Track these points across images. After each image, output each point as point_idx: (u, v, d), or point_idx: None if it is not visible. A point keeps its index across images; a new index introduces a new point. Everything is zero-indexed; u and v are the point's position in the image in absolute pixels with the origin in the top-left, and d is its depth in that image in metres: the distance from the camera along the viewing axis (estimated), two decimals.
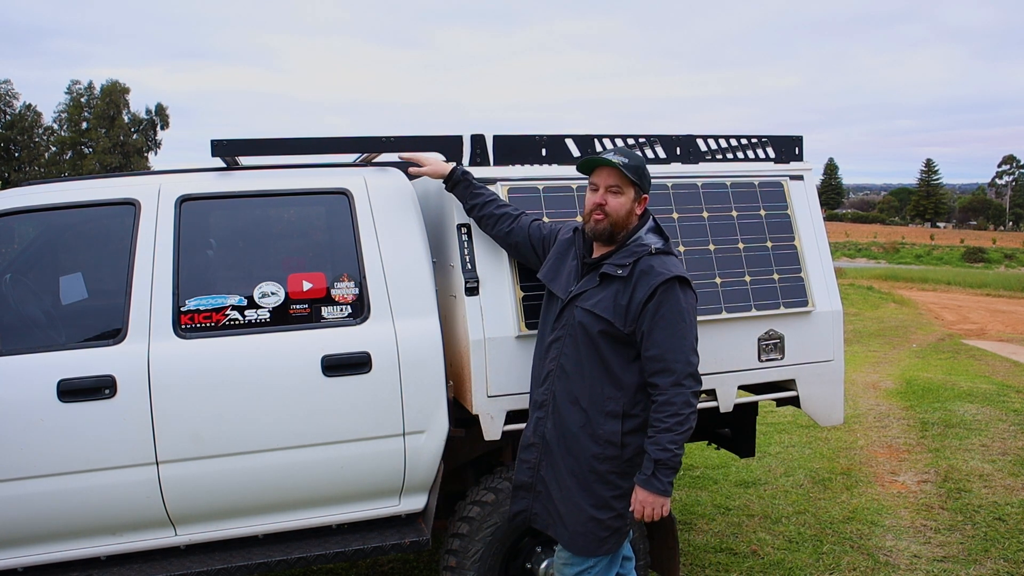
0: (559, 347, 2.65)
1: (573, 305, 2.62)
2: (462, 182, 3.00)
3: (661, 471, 2.45)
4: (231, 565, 2.79)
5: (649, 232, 2.65)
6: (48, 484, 2.67)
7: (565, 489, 2.62)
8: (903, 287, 27.44)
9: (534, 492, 2.70)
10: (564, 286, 2.69)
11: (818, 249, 3.43)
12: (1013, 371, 9.57)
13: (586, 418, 2.58)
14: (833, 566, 4.05)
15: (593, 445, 2.57)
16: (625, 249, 2.60)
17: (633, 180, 2.58)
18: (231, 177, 3.05)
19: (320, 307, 2.94)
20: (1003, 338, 13.39)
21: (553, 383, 2.66)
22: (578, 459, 2.60)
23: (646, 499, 2.49)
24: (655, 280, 2.49)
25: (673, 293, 2.50)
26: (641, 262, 2.54)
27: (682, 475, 5.44)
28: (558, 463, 2.63)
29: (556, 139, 3.26)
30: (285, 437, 2.83)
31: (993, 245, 60.27)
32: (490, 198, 2.96)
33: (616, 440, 2.56)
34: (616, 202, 2.59)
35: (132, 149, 55.44)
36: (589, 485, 2.58)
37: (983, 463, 5.60)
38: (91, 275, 2.99)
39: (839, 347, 3.42)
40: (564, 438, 2.62)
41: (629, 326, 2.52)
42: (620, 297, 2.53)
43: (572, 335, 2.61)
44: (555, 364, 2.66)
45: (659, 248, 2.59)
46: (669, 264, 2.55)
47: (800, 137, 3.57)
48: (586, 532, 2.58)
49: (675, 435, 2.44)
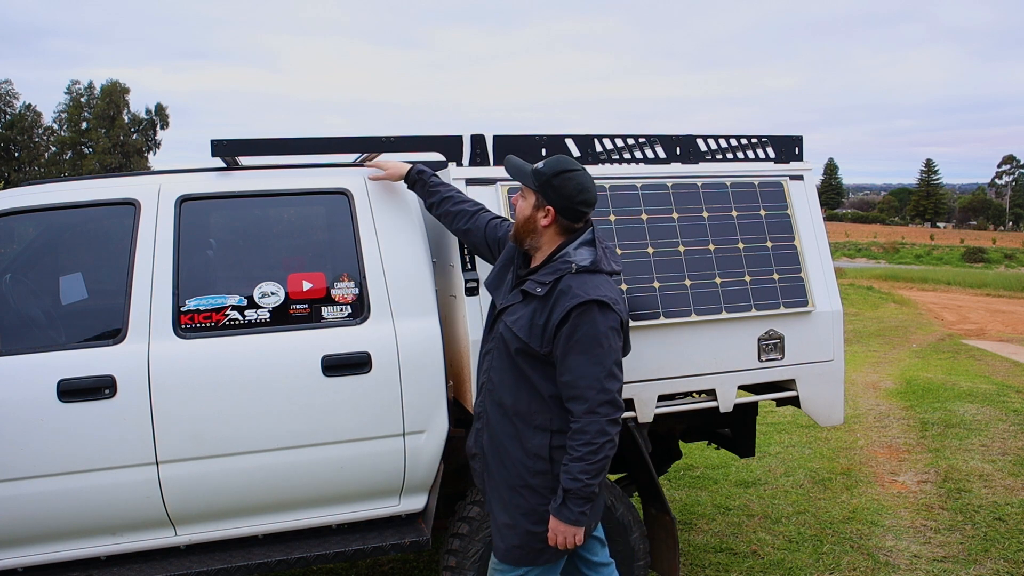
0: (490, 359, 2.58)
1: (501, 318, 2.55)
2: (419, 181, 2.99)
3: (572, 501, 2.36)
4: (231, 565, 2.79)
5: (581, 247, 2.49)
6: (48, 484, 2.67)
7: (502, 501, 2.55)
8: (903, 287, 27.44)
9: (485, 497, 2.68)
10: (501, 297, 2.60)
11: (818, 249, 3.43)
12: (1013, 371, 9.57)
13: (516, 431, 2.49)
14: (833, 566, 4.05)
15: (525, 458, 2.48)
16: (550, 265, 2.47)
17: (531, 187, 2.48)
18: (231, 177, 3.05)
19: (320, 307, 2.94)
20: (1003, 338, 13.39)
21: (486, 395, 2.59)
22: (511, 472, 2.51)
23: (557, 528, 2.40)
24: (570, 303, 2.35)
25: (589, 316, 2.35)
26: (562, 281, 2.41)
27: (682, 475, 5.44)
28: (495, 475, 2.57)
29: (556, 139, 3.26)
30: (285, 437, 2.83)
31: (993, 245, 60.27)
32: (447, 194, 2.93)
33: (544, 454, 2.45)
34: (519, 206, 2.52)
35: (132, 149, 55.45)
36: (522, 498, 2.49)
37: (983, 463, 5.60)
38: (91, 275, 2.99)
39: (839, 347, 3.43)
40: (497, 450, 2.55)
41: (545, 347, 2.41)
42: (537, 316, 2.42)
43: (499, 348, 2.54)
44: (486, 376, 2.59)
45: (584, 267, 2.43)
46: (589, 285, 2.39)
47: (800, 137, 3.57)
48: (523, 545, 2.50)
49: (587, 465, 2.33)
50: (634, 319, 3.07)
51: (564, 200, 2.44)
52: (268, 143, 3.05)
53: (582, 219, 2.51)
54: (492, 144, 3.18)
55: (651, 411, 3.17)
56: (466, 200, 2.93)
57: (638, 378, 3.12)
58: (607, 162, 3.41)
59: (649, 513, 3.36)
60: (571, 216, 2.47)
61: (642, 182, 3.25)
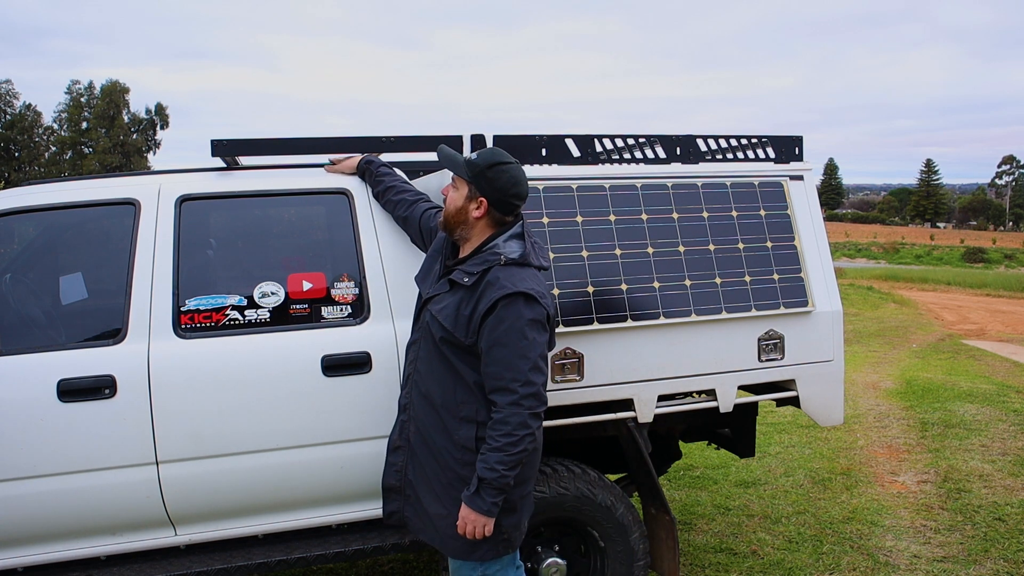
0: (415, 350, 2.58)
1: (427, 308, 2.54)
2: (367, 170, 3.03)
3: (485, 490, 2.33)
4: (231, 565, 2.79)
5: (511, 240, 2.49)
6: (48, 484, 2.67)
7: (433, 492, 2.53)
8: (903, 287, 27.45)
9: (403, 495, 2.62)
10: (427, 287, 2.60)
11: (818, 249, 3.43)
12: (1013, 371, 9.57)
13: (442, 423, 2.48)
14: (833, 566, 4.05)
15: (453, 449, 2.46)
16: (479, 256, 2.46)
17: (464, 177, 2.46)
18: (231, 177, 3.05)
19: (320, 307, 2.94)
20: (1003, 338, 13.39)
21: (412, 387, 2.57)
22: (441, 464, 2.50)
23: (467, 516, 2.37)
24: (496, 294, 2.34)
25: (514, 309, 2.33)
26: (490, 272, 2.40)
27: (682, 475, 5.44)
28: (424, 468, 2.54)
29: (556, 139, 3.25)
30: (285, 437, 2.83)
31: (993, 245, 60.29)
32: (390, 184, 2.96)
33: (471, 445, 2.44)
34: (450, 196, 2.51)
35: (132, 149, 55.44)
36: (454, 490, 2.46)
37: (983, 463, 5.60)
38: (91, 275, 2.99)
39: (839, 347, 3.42)
40: (425, 442, 2.53)
41: (470, 337, 2.39)
42: (464, 307, 2.41)
43: (425, 338, 2.53)
44: (412, 367, 2.58)
45: (512, 259, 2.42)
46: (516, 278, 2.38)
47: (800, 137, 3.57)
48: (456, 536, 2.46)
49: (505, 456, 2.31)
50: (634, 319, 3.08)
51: (497, 193, 2.44)
52: (268, 143, 3.05)
53: (513, 212, 2.50)
54: (492, 144, 3.18)
55: (651, 411, 3.17)
56: (407, 190, 2.96)
57: (638, 378, 3.12)
58: (607, 162, 3.41)
59: (649, 513, 3.36)
60: (503, 209, 2.47)
61: (642, 182, 3.25)
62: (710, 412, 3.33)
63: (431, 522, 2.55)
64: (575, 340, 3.03)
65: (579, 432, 3.19)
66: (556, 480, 3.07)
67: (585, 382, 3.06)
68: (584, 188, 3.17)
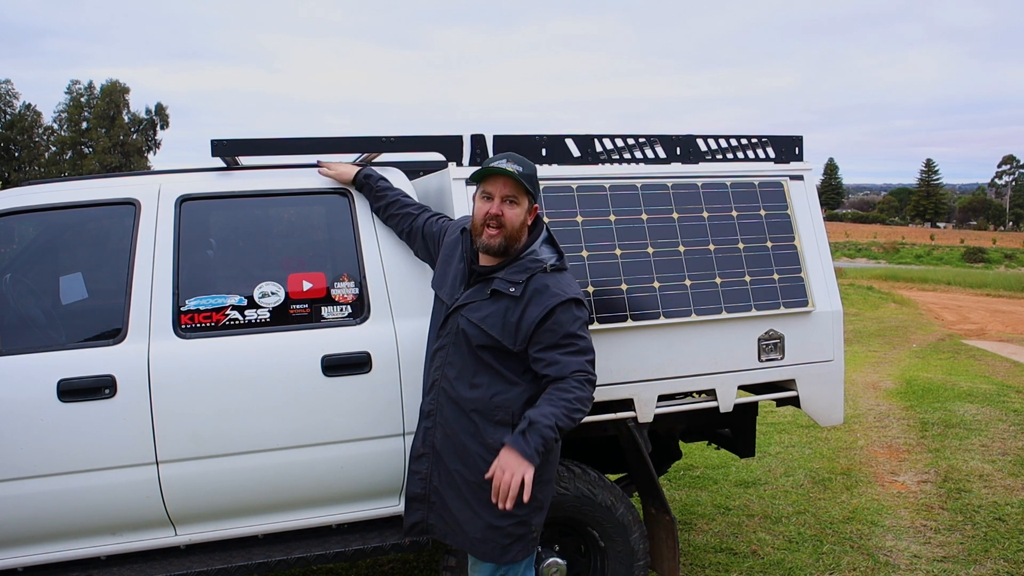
0: (444, 356, 2.56)
1: (458, 314, 2.51)
2: (365, 185, 2.99)
3: (532, 434, 2.29)
4: (231, 565, 2.79)
5: (543, 245, 2.54)
6: (48, 484, 2.67)
7: (462, 498, 2.52)
8: (903, 287, 27.43)
9: (428, 503, 2.60)
10: (450, 292, 2.58)
11: (818, 249, 3.43)
12: (1013, 371, 9.57)
13: (475, 427, 2.48)
14: (833, 566, 4.05)
15: (485, 453, 2.45)
16: (518, 264, 2.47)
17: (528, 189, 2.46)
18: (231, 177, 3.05)
19: (320, 307, 2.94)
20: (1003, 338, 13.39)
21: (439, 393, 2.56)
22: (471, 468, 2.49)
23: (508, 460, 2.29)
24: (551, 301, 2.39)
25: (570, 313, 2.41)
26: (535, 279, 2.43)
27: (682, 475, 5.44)
28: (451, 472, 2.53)
29: (556, 139, 3.25)
30: (285, 437, 2.83)
31: (993, 245, 60.27)
32: (392, 199, 2.94)
33: None
34: (512, 213, 2.45)
35: (132, 149, 55.44)
36: (486, 494, 2.43)
37: (983, 463, 5.60)
38: (91, 275, 2.99)
39: (839, 347, 3.43)
40: (454, 447, 2.52)
41: (519, 344, 2.42)
42: (510, 314, 2.42)
43: (457, 344, 2.52)
44: (440, 373, 2.56)
45: (554, 265, 2.49)
46: (564, 284, 2.46)
47: (800, 137, 3.57)
48: (486, 539, 2.48)
49: (562, 414, 2.32)
50: (634, 319, 3.08)
51: (539, 197, 2.60)
52: (268, 143, 3.05)
53: None
54: (492, 144, 3.18)
55: (651, 411, 3.17)
56: (409, 203, 2.94)
57: (638, 378, 3.12)
58: (607, 162, 3.41)
59: (649, 513, 3.36)
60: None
61: (642, 182, 3.25)
62: (710, 412, 3.33)
63: (459, 527, 2.54)
64: None
65: (579, 432, 3.19)
66: (556, 480, 3.06)
67: None
68: (584, 188, 3.17)
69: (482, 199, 2.49)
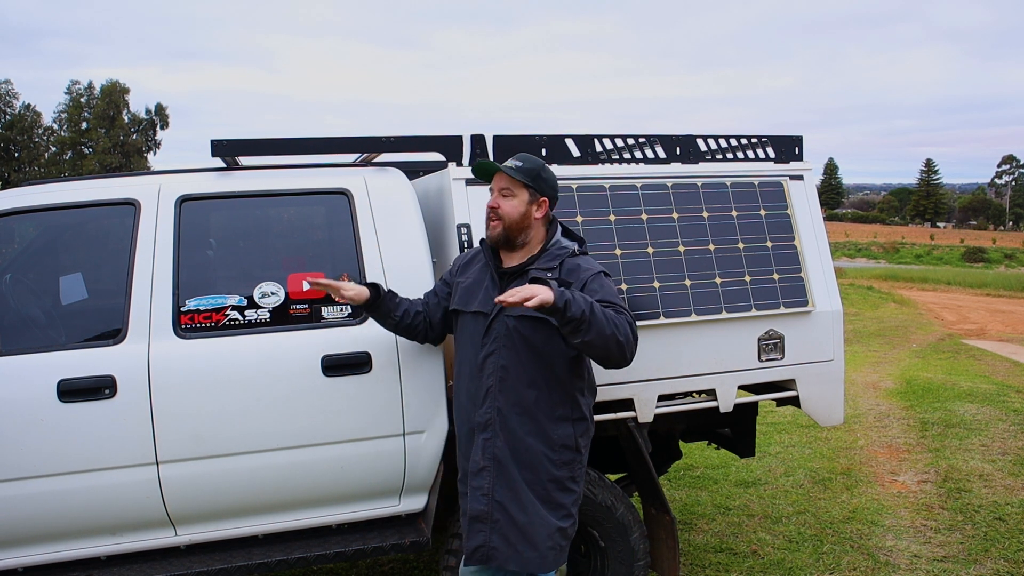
0: (495, 361, 2.54)
1: (503, 316, 2.53)
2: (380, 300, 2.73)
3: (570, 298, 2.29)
4: (231, 565, 2.79)
5: (563, 236, 2.69)
6: (48, 484, 2.67)
7: (528, 505, 2.51)
8: (903, 287, 27.43)
9: (491, 522, 2.53)
10: (484, 301, 2.59)
11: (818, 249, 3.43)
12: (1013, 371, 9.57)
13: (538, 426, 2.52)
14: (833, 566, 4.05)
15: (550, 451, 2.53)
16: (547, 254, 2.61)
17: (524, 182, 2.57)
18: (231, 177, 3.05)
19: (320, 307, 2.94)
20: (1003, 338, 13.39)
21: (495, 398, 2.53)
22: (536, 471, 2.52)
23: (535, 288, 2.27)
24: (585, 275, 2.53)
25: (603, 280, 2.55)
26: (566, 263, 2.58)
27: (682, 475, 5.44)
28: (516, 481, 2.52)
29: (556, 139, 3.26)
30: (285, 437, 2.83)
31: (993, 245, 60.28)
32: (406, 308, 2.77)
33: (571, 443, 2.56)
34: (508, 205, 2.58)
35: (132, 149, 55.43)
36: (550, 495, 2.53)
37: (983, 463, 5.60)
38: (91, 275, 2.99)
39: (839, 347, 3.43)
40: (518, 452, 2.52)
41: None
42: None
43: (508, 345, 2.53)
44: (495, 379, 2.53)
45: (580, 250, 2.67)
46: (590, 262, 2.62)
47: (800, 137, 3.57)
48: (554, 545, 2.53)
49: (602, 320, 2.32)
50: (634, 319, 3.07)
51: (551, 190, 2.66)
52: (268, 143, 3.05)
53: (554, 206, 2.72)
54: (492, 144, 3.18)
55: (651, 411, 3.17)
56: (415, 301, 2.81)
57: (638, 378, 3.12)
58: (607, 162, 3.42)
59: (649, 513, 3.36)
60: (554, 205, 2.70)
61: (642, 182, 3.25)
62: (710, 412, 3.34)
63: (526, 541, 2.50)
64: None
65: None
66: None
67: None
68: (584, 188, 3.17)
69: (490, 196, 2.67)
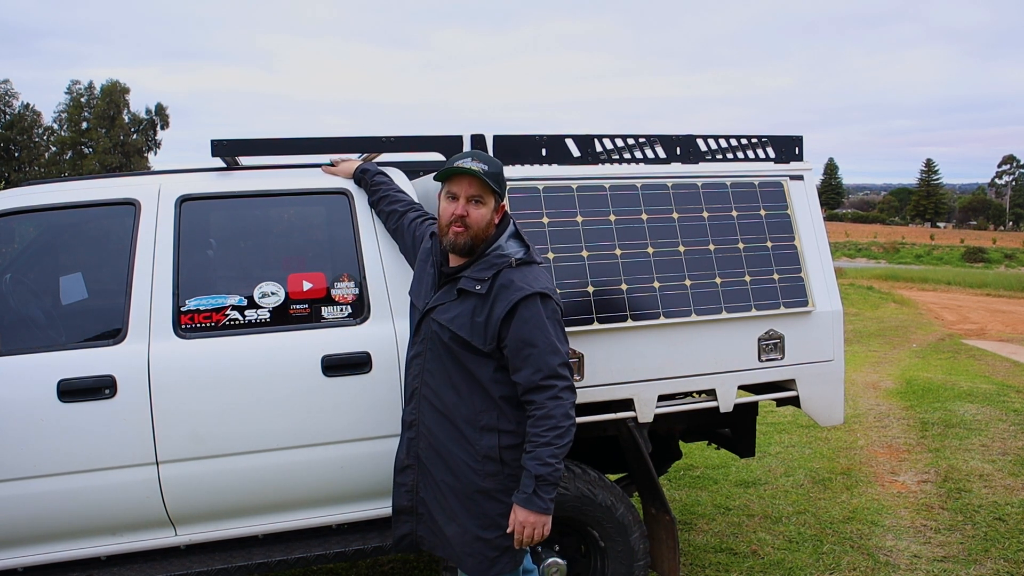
0: (421, 362, 2.50)
1: (430, 317, 2.47)
2: (362, 180, 3.01)
3: (542, 487, 2.29)
4: (231, 565, 2.79)
5: (510, 239, 2.46)
6: (48, 484, 2.67)
7: (448, 509, 2.47)
8: (903, 287, 27.43)
9: (416, 515, 2.55)
10: (423, 297, 2.53)
11: (818, 249, 3.43)
12: (1013, 371, 9.57)
13: (460, 434, 2.42)
14: (833, 566, 4.05)
15: (472, 461, 2.41)
16: (484, 260, 2.40)
17: (494, 189, 2.38)
18: (231, 177, 3.05)
19: (320, 307, 2.94)
20: (1003, 338, 13.39)
21: (420, 401, 2.50)
22: (458, 477, 2.43)
23: (527, 519, 2.31)
24: (515, 296, 2.31)
25: (535, 307, 2.32)
26: (501, 275, 2.36)
27: (682, 475, 5.44)
28: (439, 483, 2.47)
29: (556, 139, 3.26)
30: (285, 437, 2.83)
31: (993, 245, 60.28)
32: (384, 194, 2.93)
33: (495, 455, 2.40)
34: (477, 213, 2.38)
35: (132, 149, 55.43)
36: (474, 504, 2.42)
37: (983, 463, 5.60)
38: (91, 275, 2.99)
39: (839, 347, 3.43)
40: (440, 456, 2.46)
41: (489, 344, 2.35)
42: (478, 314, 2.36)
43: (433, 349, 2.46)
44: (419, 381, 2.50)
45: (520, 259, 2.40)
46: (530, 277, 2.37)
47: (800, 137, 3.57)
48: (474, 553, 2.43)
49: (555, 449, 2.28)
50: (634, 319, 3.08)
51: (505, 194, 2.51)
52: (268, 143, 3.05)
53: None
54: (492, 144, 3.18)
55: (651, 411, 3.17)
56: (399, 200, 2.93)
57: (638, 378, 3.12)
58: (607, 162, 3.41)
59: (649, 513, 3.36)
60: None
61: (642, 182, 3.25)
62: (710, 412, 3.33)
63: (447, 540, 2.50)
64: (575, 340, 3.02)
65: (579, 432, 3.19)
66: None
67: (585, 382, 3.06)
68: (584, 188, 3.17)
69: (447, 199, 2.41)
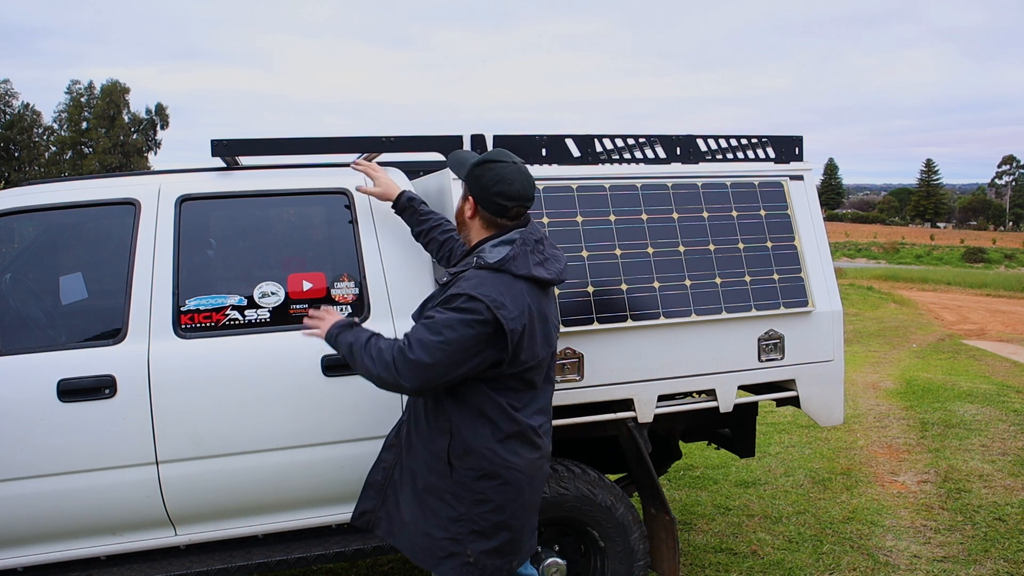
0: None
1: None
2: (408, 208, 2.91)
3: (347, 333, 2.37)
4: (231, 565, 2.79)
5: (499, 245, 2.35)
6: (48, 484, 2.67)
7: (408, 498, 2.49)
8: (903, 287, 27.45)
9: (382, 495, 2.56)
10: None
11: (818, 249, 3.43)
12: (1013, 371, 9.57)
13: (427, 430, 2.44)
14: (833, 566, 4.05)
15: (428, 457, 2.42)
16: (466, 260, 2.43)
17: (461, 178, 2.43)
18: (231, 177, 3.05)
19: (320, 307, 2.93)
20: (1003, 338, 13.39)
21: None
22: (419, 467, 2.46)
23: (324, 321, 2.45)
24: (451, 290, 2.28)
25: (454, 304, 2.23)
26: (464, 275, 2.32)
27: (682, 475, 5.44)
28: (410, 469, 2.50)
29: (556, 139, 3.26)
30: (285, 437, 2.83)
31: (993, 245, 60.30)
32: (437, 222, 2.87)
33: (443, 456, 2.36)
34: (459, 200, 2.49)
35: (132, 149, 55.44)
36: (428, 496, 2.42)
37: (983, 463, 5.60)
38: (91, 275, 2.99)
39: (839, 347, 3.42)
40: (412, 444, 2.50)
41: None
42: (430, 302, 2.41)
43: None
44: None
45: (487, 263, 2.29)
46: (476, 281, 2.25)
47: (800, 137, 3.57)
48: (422, 546, 2.43)
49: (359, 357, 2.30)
50: (634, 319, 3.08)
51: (481, 191, 2.33)
52: (268, 143, 3.05)
53: (505, 213, 2.35)
54: (492, 144, 3.18)
55: (651, 411, 3.17)
56: (452, 228, 2.83)
57: (638, 378, 3.12)
58: (607, 162, 3.41)
59: (649, 513, 3.36)
60: (490, 208, 2.34)
61: (642, 182, 3.25)
62: (710, 412, 3.33)
63: (403, 526, 2.50)
64: (575, 340, 3.03)
65: (579, 432, 3.19)
66: (556, 480, 3.07)
67: (585, 382, 3.06)
68: (584, 188, 3.17)
69: None
